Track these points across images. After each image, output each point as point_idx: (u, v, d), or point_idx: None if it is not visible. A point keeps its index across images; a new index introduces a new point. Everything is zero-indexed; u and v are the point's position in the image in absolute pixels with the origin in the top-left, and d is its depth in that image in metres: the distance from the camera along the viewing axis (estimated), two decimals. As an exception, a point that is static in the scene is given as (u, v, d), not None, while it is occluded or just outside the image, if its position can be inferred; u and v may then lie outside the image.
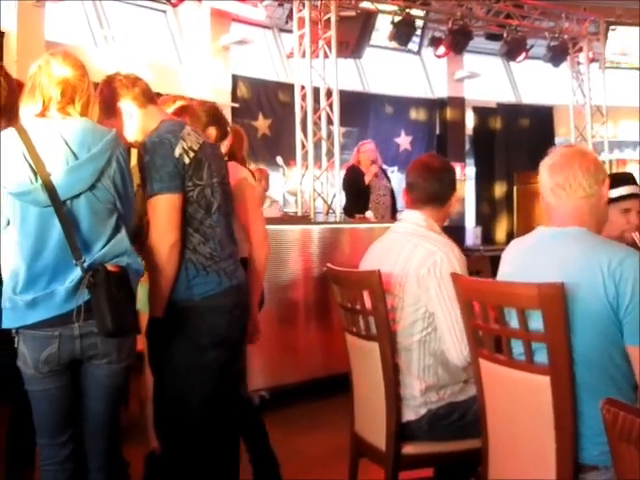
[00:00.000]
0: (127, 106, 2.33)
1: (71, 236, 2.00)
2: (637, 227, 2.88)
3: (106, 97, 2.30)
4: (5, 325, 2.04)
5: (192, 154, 2.26)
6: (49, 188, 1.99)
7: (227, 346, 2.37)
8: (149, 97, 2.37)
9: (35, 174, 2.00)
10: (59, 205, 2.00)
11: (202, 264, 2.29)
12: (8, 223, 2.04)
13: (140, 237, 2.26)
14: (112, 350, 2.07)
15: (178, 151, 2.23)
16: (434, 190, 2.52)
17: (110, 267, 2.02)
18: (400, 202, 6.10)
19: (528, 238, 2.09)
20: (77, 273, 2.00)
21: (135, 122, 2.33)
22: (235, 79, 9.42)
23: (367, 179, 6.51)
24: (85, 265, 2.00)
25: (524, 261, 2.03)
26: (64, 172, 2.02)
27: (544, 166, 2.02)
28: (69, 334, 2.02)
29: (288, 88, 8.66)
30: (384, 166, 7.07)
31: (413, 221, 2.53)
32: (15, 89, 2.31)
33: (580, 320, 1.80)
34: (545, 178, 2.00)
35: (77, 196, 2.03)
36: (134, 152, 2.30)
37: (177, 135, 2.26)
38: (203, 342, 2.29)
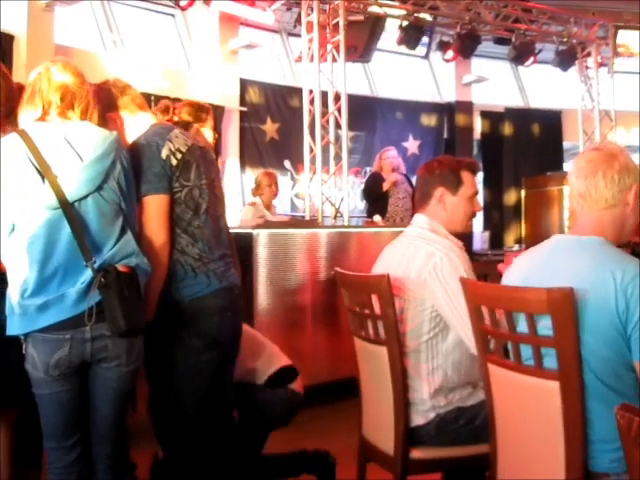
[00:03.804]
0: (117, 114, 2.34)
1: (81, 237, 2.00)
2: None
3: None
4: (16, 331, 2.03)
5: (179, 155, 2.27)
6: (57, 190, 1.99)
7: (219, 347, 2.35)
8: (139, 104, 2.39)
9: (42, 177, 2.00)
10: (68, 207, 2.00)
11: (190, 265, 2.28)
12: (13, 229, 2.02)
13: None
14: (122, 353, 2.07)
15: (165, 152, 2.24)
16: (425, 189, 2.53)
17: (120, 267, 2.02)
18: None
19: (542, 247, 2.04)
20: (88, 274, 2.00)
21: (125, 130, 2.34)
22: (243, 83, 9.43)
23: (385, 186, 6.61)
24: (95, 266, 2.00)
25: (536, 269, 1.98)
26: (71, 174, 2.02)
27: (571, 169, 1.96)
28: (80, 337, 2.02)
29: (296, 92, 8.67)
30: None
31: (419, 224, 2.53)
32: (15, 90, 2.30)
33: (588, 329, 1.76)
34: (571, 182, 1.94)
35: (85, 198, 2.04)
36: None
37: (164, 137, 2.28)
38: (195, 344, 2.29)
